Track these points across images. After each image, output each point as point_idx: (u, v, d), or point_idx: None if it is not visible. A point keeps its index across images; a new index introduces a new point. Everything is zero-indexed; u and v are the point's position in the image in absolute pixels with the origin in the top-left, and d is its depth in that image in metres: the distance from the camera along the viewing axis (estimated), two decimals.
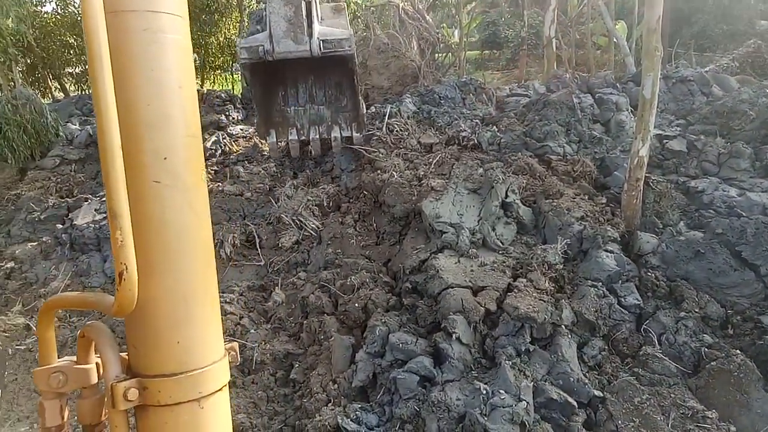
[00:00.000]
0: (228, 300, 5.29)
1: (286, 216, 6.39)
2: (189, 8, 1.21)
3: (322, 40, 4.93)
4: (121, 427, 1.13)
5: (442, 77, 10.76)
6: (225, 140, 8.69)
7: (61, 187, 7.91)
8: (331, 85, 6.69)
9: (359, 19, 12.17)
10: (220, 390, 1.21)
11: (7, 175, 8.43)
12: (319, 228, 6.31)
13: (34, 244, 6.49)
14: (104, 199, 7.01)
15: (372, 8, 12.15)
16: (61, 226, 6.80)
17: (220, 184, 7.43)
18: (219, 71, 13.43)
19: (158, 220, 1.12)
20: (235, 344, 1.34)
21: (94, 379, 1.26)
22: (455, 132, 7.20)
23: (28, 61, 11.20)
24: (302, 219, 6.35)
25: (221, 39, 12.57)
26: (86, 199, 7.38)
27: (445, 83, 9.06)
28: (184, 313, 1.16)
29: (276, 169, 7.65)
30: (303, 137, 7.03)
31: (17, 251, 6.38)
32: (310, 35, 4.73)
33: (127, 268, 1.02)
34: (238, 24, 12.68)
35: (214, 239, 6.20)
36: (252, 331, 5.11)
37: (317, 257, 6.01)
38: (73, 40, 11.83)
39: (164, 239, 1.13)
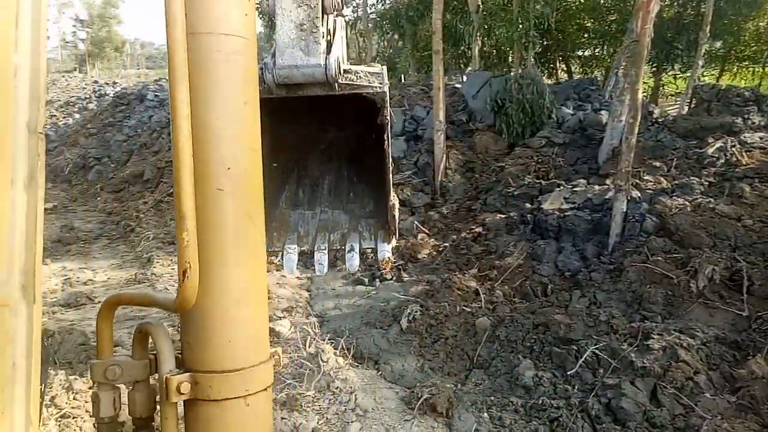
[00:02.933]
0: (685, 345, 4.44)
1: None
2: None
3: (345, 70, 3.41)
4: (172, 420, 1.26)
5: None
6: (734, 148, 7.36)
7: (539, 168, 8.52)
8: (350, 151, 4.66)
9: None
10: (264, 390, 1.36)
11: (498, 147, 9.71)
12: None
13: (503, 216, 7.21)
14: (575, 188, 7.04)
15: None
16: (529, 205, 7.32)
17: (712, 200, 6.33)
18: (747, 62, 11.54)
19: (218, 224, 1.28)
20: (279, 349, 1.50)
21: (147, 374, 1.39)
22: None
23: (544, 42, 12.50)
24: None
25: (761, 24, 10.68)
26: (558, 185, 7.68)
27: None
28: (235, 314, 1.30)
29: None
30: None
31: (487, 219, 7.25)
32: (327, 51, 3.32)
33: (190, 267, 1.19)
34: None
35: (687, 266, 5.30)
36: (706, 395, 4.14)
37: None
38: (590, 24, 12.44)
39: (222, 243, 1.29)
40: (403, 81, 16.54)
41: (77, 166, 13.66)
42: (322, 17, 3.09)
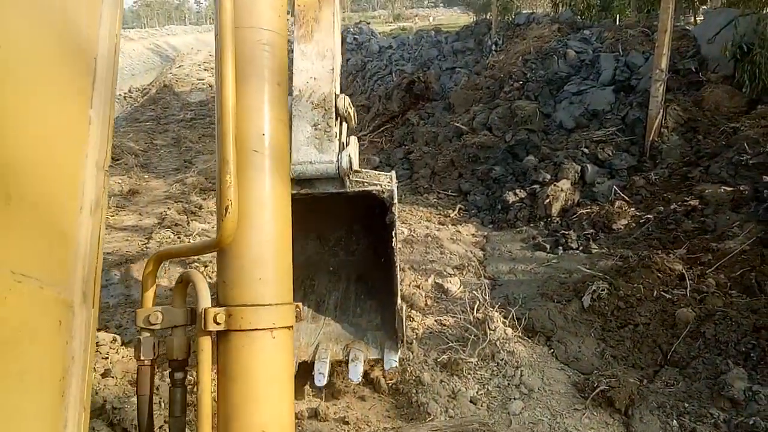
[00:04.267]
0: None
1: None
2: None
3: (355, 170, 3.68)
4: (206, 349, 1.50)
5: None
6: None
7: None
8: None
9: None
10: (288, 328, 1.63)
11: (734, 104, 8.19)
12: None
13: (729, 189, 6.11)
14: None
15: None
16: (767, 179, 6.07)
17: None
18: None
19: (253, 178, 1.62)
20: (300, 304, 1.73)
21: (184, 320, 1.62)
22: None
23: None
24: None
25: None
26: None
27: None
28: (266, 256, 1.61)
29: None
30: None
31: (707, 191, 6.21)
32: (341, 148, 3.52)
33: (231, 204, 1.52)
34: None
35: None
36: None
37: None
38: None
39: (256, 193, 1.62)
40: (618, 22, 14.81)
41: None
42: (336, 119, 3.27)
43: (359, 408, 3.95)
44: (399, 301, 3.73)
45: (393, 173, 3.69)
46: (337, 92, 3.33)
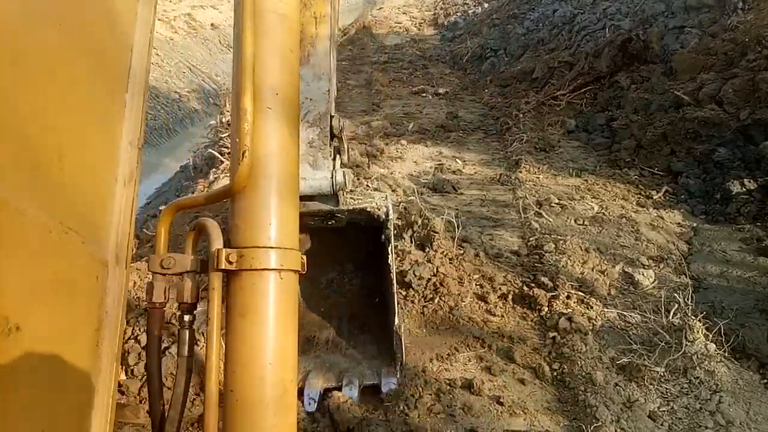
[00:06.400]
0: None
1: None
2: None
3: (351, 190, 3.63)
4: (217, 287, 1.69)
5: None
6: None
7: None
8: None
9: None
10: (294, 272, 1.80)
11: None
12: None
13: None
14: None
15: None
16: None
17: None
18: None
19: (267, 132, 1.80)
20: (305, 257, 1.88)
21: (195, 267, 1.80)
22: None
23: None
24: None
25: None
26: None
27: None
28: (275, 202, 1.78)
29: None
30: None
31: None
32: (335, 166, 3.46)
33: (248, 150, 1.71)
34: None
35: None
36: None
37: None
38: None
39: (268, 145, 1.79)
40: None
41: (474, 55, 14.52)
42: (331, 138, 3.42)
43: (517, 391, 3.72)
44: (396, 320, 3.61)
45: (387, 194, 3.92)
46: (332, 113, 3.46)
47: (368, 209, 3.61)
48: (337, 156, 3.59)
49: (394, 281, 3.67)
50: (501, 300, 4.56)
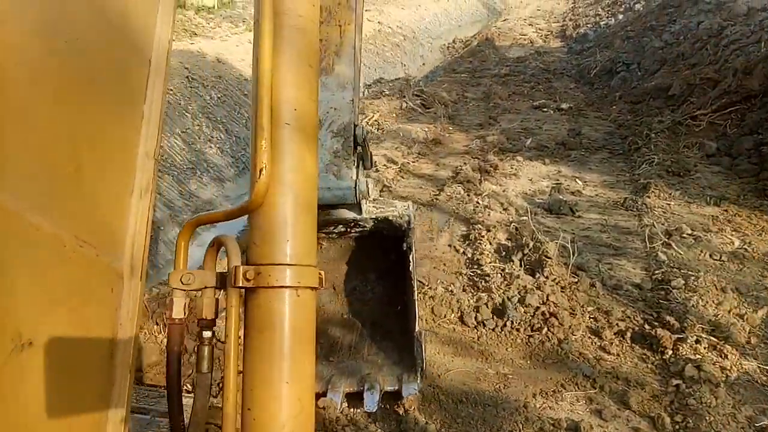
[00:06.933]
0: None
1: None
2: None
3: (374, 198, 3.72)
4: (236, 304, 1.68)
5: None
6: None
7: None
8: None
9: None
10: (312, 289, 1.77)
11: None
12: None
13: None
14: None
15: None
16: None
17: None
18: None
19: (284, 148, 1.77)
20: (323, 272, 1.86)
21: (215, 283, 1.78)
22: None
23: None
24: None
25: None
26: None
27: None
28: (292, 219, 1.76)
29: None
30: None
31: None
32: (358, 176, 3.48)
33: (265, 167, 1.67)
34: None
35: None
36: None
37: None
38: None
39: (285, 162, 1.77)
40: None
41: (604, 69, 13.77)
42: (354, 148, 3.36)
43: None
44: (417, 326, 3.71)
45: (410, 203, 3.91)
46: (356, 122, 3.41)
47: (390, 218, 3.73)
48: (360, 164, 3.60)
49: (415, 288, 3.77)
50: (617, 337, 4.20)
